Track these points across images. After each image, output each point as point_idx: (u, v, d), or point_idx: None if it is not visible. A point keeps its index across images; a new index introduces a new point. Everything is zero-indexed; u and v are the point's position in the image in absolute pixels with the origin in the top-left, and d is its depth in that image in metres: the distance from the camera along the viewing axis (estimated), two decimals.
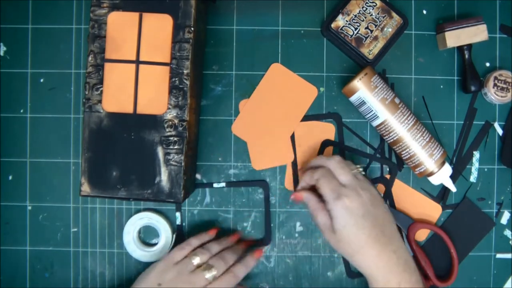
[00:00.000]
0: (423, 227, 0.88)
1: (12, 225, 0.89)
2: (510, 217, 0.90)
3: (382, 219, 0.77)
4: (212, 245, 0.83)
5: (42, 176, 0.89)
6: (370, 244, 0.75)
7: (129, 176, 0.74)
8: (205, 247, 0.83)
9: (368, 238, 0.75)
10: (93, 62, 0.74)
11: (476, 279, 0.90)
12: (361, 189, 0.77)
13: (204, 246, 0.83)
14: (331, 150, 0.89)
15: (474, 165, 0.89)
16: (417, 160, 0.83)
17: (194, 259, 0.80)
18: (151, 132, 0.74)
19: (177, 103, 0.74)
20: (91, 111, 0.74)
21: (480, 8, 0.90)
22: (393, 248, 0.76)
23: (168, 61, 0.74)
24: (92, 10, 0.74)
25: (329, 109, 0.89)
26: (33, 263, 0.90)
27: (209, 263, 0.80)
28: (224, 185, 0.89)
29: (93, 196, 0.75)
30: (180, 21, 0.74)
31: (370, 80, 0.82)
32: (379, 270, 0.76)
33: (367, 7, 0.85)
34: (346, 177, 0.78)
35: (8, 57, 0.89)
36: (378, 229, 0.76)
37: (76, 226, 0.89)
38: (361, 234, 0.75)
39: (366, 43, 0.86)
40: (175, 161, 0.74)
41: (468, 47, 0.86)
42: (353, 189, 0.77)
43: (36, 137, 0.89)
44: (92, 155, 0.74)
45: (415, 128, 0.83)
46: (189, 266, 0.79)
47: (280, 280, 0.90)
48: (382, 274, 0.76)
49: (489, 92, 0.86)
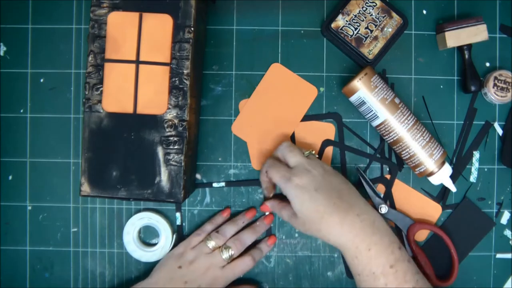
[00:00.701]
0: (423, 228, 0.87)
1: (12, 225, 0.89)
2: (510, 217, 0.90)
3: (338, 187, 0.77)
4: (227, 228, 0.86)
5: (42, 176, 0.89)
6: (329, 213, 0.74)
7: (129, 176, 0.74)
8: (220, 231, 0.85)
9: (326, 208, 0.74)
10: (93, 62, 0.74)
11: (476, 279, 0.90)
12: (310, 166, 0.77)
13: (219, 230, 0.86)
14: (331, 150, 0.89)
15: (474, 165, 0.89)
16: (417, 160, 0.83)
17: (210, 243, 0.84)
18: (151, 132, 0.74)
19: (177, 103, 0.74)
20: (91, 111, 0.74)
21: (480, 8, 0.90)
22: (355, 212, 0.74)
23: (168, 61, 0.74)
24: (92, 10, 0.74)
25: (329, 109, 0.89)
26: (33, 263, 0.90)
27: (227, 244, 0.84)
28: (224, 184, 0.89)
29: (93, 196, 0.75)
30: (180, 21, 0.74)
31: (370, 80, 0.82)
32: (345, 236, 0.74)
33: (367, 7, 0.85)
34: (295, 158, 0.78)
35: (8, 57, 0.89)
36: (335, 197, 0.75)
37: (76, 226, 0.89)
38: (319, 205, 0.74)
39: (366, 43, 0.86)
40: (175, 161, 0.74)
41: (468, 47, 0.86)
42: (302, 168, 0.76)
43: (36, 137, 0.89)
44: (92, 155, 0.74)
45: (415, 128, 0.83)
46: (206, 249, 0.83)
47: (280, 280, 0.90)
48: (349, 240, 0.74)
49: (489, 92, 0.86)
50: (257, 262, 0.86)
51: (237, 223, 0.87)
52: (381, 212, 0.87)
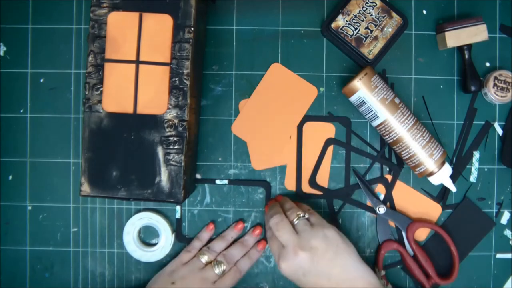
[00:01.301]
0: (422, 226, 0.88)
1: (12, 225, 0.89)
2: (510, 217, 0.90)
3: (328, 271, 0.74)
4: (217, 244, 0.87)
5: (42, 176, 0.89)
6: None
7: (129, 176, 0.74)
8: (210, 247, 0.86)
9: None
10: (93, 62, 0.74)
11: (476, 279, 0.90)
12: (300, 248, 0.74)
13: (210, 246, 0.87)
14: (332, 150, 0.89)
15: (474, 165, 0.89)
16: (417, 160, 0.83)
17: (203, 258, 0.84)
18: (151, 132, 0.74)
19: (177, 103, 0.74)
20: (91, 111, 0.74)
21: (480, 8, 0.90)
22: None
23: (168, 61, 0.74)
24: (92, 10, 0.74)
25: (329, 109, 0.89)
26: (33, 263, 0.90)
27: (218, 259, 0.84)
28: (227, 182, 0.89)
29: (93, 196, 0.75)
30: (180, 21, 0.74)
31: (370, 80, 0.82)
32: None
33: (367, 7, 0.85)
34: (284, 236, 0.76)
35: (8, 57, 0.89)
36: (323, 282, 0.74)
37: (76, 226, 0.89)
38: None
39: (366, 43, 0.86)
40: (175, 161, 0.74)
41: (468, 47, 0.86)
42: (291, 250, 0.75)
43: (36, 137, 0.89)
44: (92, 155, 0.74)
45: (415, 128, 0.83)
46: (199, 264, 0.84)
47: (280, 280, 0.90)
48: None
49: (489, 92, 0.86)
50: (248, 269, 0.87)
51: (226, 239, 0.88)
52: (379, 213, 0.88)
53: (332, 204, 0.89)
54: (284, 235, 0.76)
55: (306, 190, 0.90)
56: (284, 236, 0.76)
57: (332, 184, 0.90)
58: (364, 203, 0.90)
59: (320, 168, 0.89)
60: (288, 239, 0.76)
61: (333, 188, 0.90)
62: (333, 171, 0.90)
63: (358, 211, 0.90)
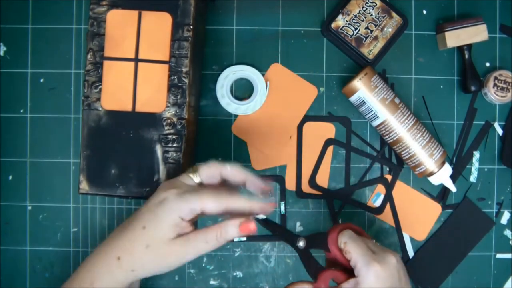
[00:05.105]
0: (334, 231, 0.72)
1: (12, 225, 0.89)
2: (510, 217, 0.89)
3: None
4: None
5: (42, 176, 0.89)
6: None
7: (127, 174, 0.74)
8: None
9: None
10: (92, 60, 0.74)
11: (476, 279, 0.89)
12: (385, 260, 0.67)
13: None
14: (332, 150, 0.89)
15: (474, 165, 0.89)
16: (417, 160, 0.83)
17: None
18: (149, 130, 0.74)
19: (176, 101, 0.74)
20: (90, 109, 0.74)
21: (480, 8, 0.90)
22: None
23: (167, 59, 0.74)
24: (91, 8, 0.74)
25: (329, 109, 0.89)
26: (33, 263, 0.90)
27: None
28: None
29: (91, 194, 0.74)
30: (179, 19, 0.74)
31: (370, 80, 0.82)
32: None
33: (367, 7, 0.85)
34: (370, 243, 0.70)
35: (8, 57, 0.89)
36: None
37: (76, 226, 0.89)
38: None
39: (366, 43, 0.86)
40: (173, 159, 0.74)
41: (468, 47, 0.87)
42: (382, 257, 0.67)
43: (36, 137, 0.89)
44: (90, 153, 0.74)
45: (415, 128, 0.83)
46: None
47: (280, 280, 0.90)
48: None
49: (489, 92, 0.86)
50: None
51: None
52: (301, 246, 0.73)
53: (332, 204, 0.89)
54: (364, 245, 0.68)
55: (306, 190, 0.89)
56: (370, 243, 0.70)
57: (332, 184, 0.90)
58: (364, 203, 0.89)
59: (320, 168, 0.89)
60: (375, 246, 0.70)
61: (333, 188, 0.90)
62: (333, 171, 0.90)
63: (358, 211, 0.90)
